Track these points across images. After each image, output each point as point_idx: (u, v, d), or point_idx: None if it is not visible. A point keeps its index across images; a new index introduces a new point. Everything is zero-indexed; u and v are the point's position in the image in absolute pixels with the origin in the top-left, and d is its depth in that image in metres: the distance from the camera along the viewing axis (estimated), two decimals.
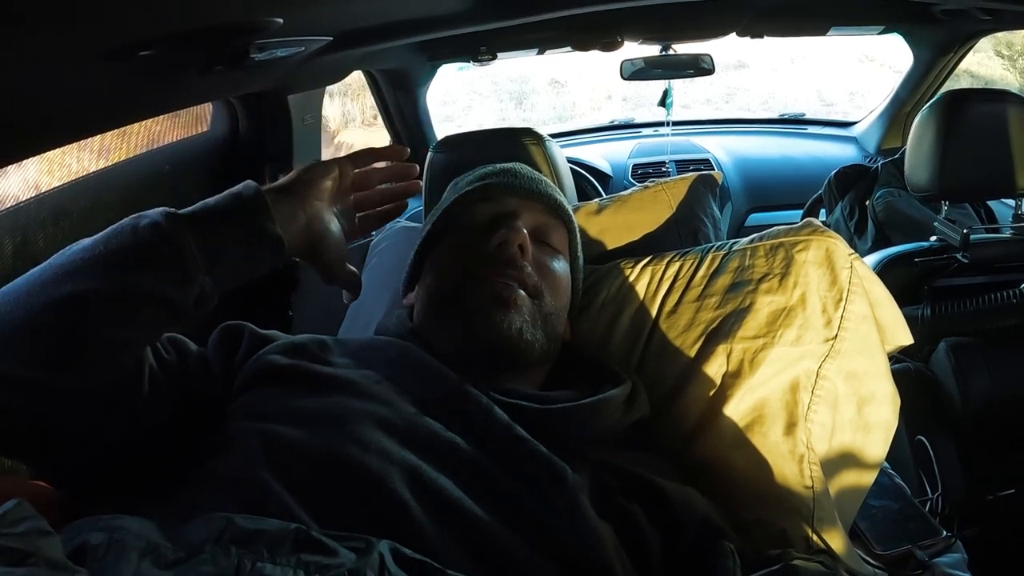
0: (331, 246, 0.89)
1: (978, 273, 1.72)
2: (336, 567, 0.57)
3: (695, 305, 1.08)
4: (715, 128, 3.50)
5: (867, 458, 1.00)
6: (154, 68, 0.77)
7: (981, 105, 1.66)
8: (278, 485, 0.70)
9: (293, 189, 0.86)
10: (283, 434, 0.76)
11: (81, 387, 0.75)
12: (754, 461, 0.96)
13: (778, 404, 0.97)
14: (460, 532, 0.70)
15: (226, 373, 0.91)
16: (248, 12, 0.73)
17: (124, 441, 0.81)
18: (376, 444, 0.75)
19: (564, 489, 0.76)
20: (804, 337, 0.98)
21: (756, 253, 1.09)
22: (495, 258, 0.96)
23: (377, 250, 1.47)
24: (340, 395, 0.82)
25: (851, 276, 1.01)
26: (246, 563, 0.55)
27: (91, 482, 0.81)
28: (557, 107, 9.27)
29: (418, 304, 1.03)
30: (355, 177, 0.94)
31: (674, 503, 0.83)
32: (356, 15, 1.00)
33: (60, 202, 1.11)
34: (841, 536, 0.92)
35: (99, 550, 0.55)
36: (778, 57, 9.37)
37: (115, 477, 0.81)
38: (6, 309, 0.72)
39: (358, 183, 0.95)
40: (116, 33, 0.64)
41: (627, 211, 1.36)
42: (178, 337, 0.92)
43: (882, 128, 2.99)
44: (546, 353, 0.98)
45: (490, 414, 0.82)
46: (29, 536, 0.45)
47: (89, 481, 0.81)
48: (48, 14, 0.52)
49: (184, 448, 0.82)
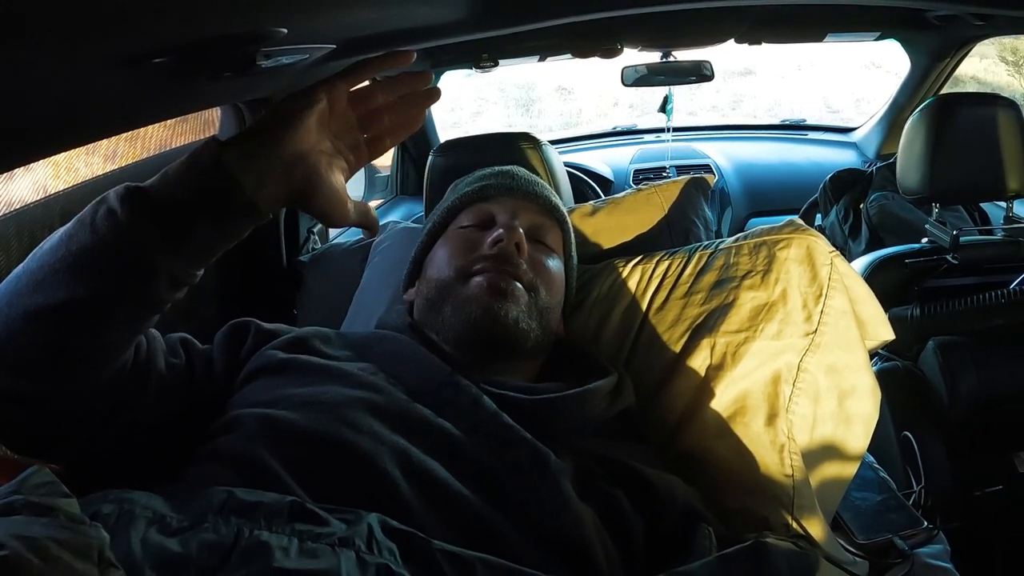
0: (323, 189, 0.77)
1: (968, 274, 1.74)
2: (327, 535, 0.61)
3: (682, 302, 1.12)
4: (716, 134, 3.52)
5: (848, 450, 1.02)
6: (165, 74, 0.78)
7: (971, 109, 1.68)
8: (275, 463, 0.74)
9: (266, 133, 0.75)
10: (280, 417, 0.80)
11: (75, 393, 0.75)
12: (737, 451, 0.99)
13: (760, 396, 1.00)
14: (446, 510, 0.74)
15: (231, 367, 0.95)
16: (253, 23, 0.76)
17: (130, 438, 0.83)
18: (368, 427, 0.79)
19: (547, 473, 0.80)
20: (785, 331, 1.02)
21: (740, 251, 1.12)
22: (493, 255, 1.00)
23: (379, 249, 1.51)
24: (336, 383, 0.86)
25: (831, 272, 1.04)
26: (244, 531, 0.60)
27: (101, 467, 0.82)
28: (564, 113, 9.28)
29: (418, 299, 1.07)
30: (355, 96, 0.82)
31: (657, 489, 0.87)
32: (358, 24, 1.03)
33: (67, 205, 1.12)
34: (821, 524, 0.95)
35: (110, 519, 0.59)
36: (785, 64, 9.36)
37: (123, 462, 0.83)
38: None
39: (360, 101, 0.83)
40: (129, 41, 0.66)
41: (620, 213, 1.40)
42: (187, 337, 0.95)
43: (881, 133, 3.01)
44: (539, 345, 1.02)
45: (478, 403, 0.86)
46: (51, 495, 0.49)
47: (99, 466, 0.82)
48: (63, 22, 0.54)
49: (189, 434, 0.85)
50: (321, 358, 0.93)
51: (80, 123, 0.87)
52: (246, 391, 0.90)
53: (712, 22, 2.23)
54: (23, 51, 0.56)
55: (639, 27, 2.26)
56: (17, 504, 0.48)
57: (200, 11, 0.66)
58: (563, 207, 1.19)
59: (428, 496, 0.75)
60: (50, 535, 0.44)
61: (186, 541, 0.59)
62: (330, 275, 1.57)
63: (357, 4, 0.89)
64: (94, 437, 0.80)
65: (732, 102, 8.97)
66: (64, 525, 0.46)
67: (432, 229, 1.15)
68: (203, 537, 0.59)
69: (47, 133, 0.83)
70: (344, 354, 0.97)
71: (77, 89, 0.74)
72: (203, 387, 0.91)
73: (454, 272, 1.02)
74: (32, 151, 0.86)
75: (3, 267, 1.03)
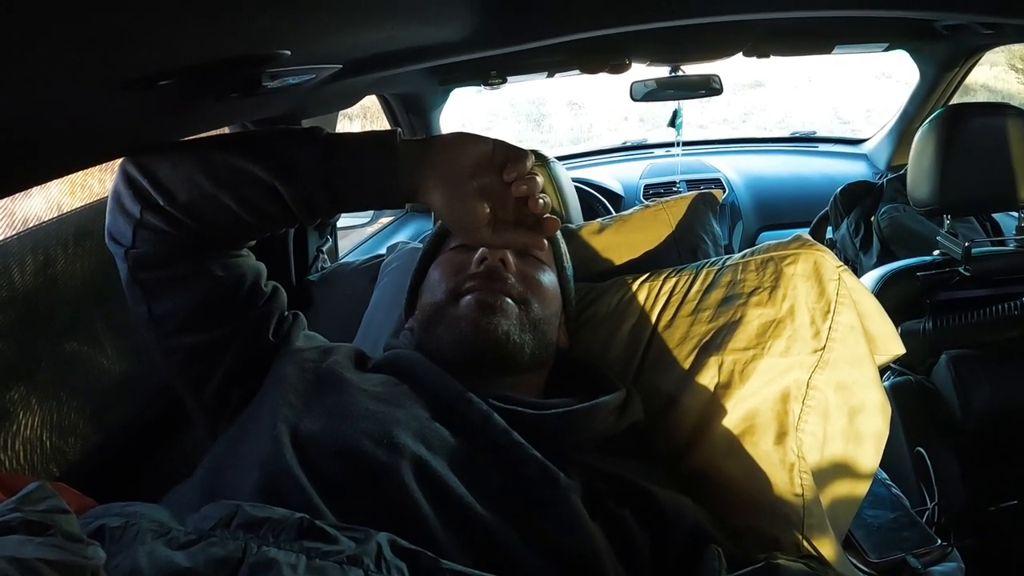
0: (457, 211, 0.88)
1: (980, 286, 1.72)
2: (336, 553, 0.61)
3: (689, 319, 1.11)
4: (726, 148, 3.52)
5: (859, 468, 1.01)
6: (172, 96, 0.80)
7: (980, 119, 1.66)
8: (298, 469, 0.76)
9: (440, 147, 0.89)
10: (306, 427, 0.82)
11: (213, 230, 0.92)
12: (746, 470, 0.98)
13: (769, 414, 0.99)
14: (461, 525, 0.75)
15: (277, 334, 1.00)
16: (257, 46, 0.77)
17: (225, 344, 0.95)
18: (387, 440, 0.80)
19: (557, 491, 0.80)
20: (793, 348, 1.01)
21: (747, 267, 1.12)
22: (479, 273, 1.02)
23: (388, 269, 1.52)
24: (360, 397, 0.88)
25: (839, 288, 1.04)
26: (252, 547, 0.60)
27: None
28: (574, 128, 9.30)
29: (416, 324, 1.09)
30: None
31: (664, 508, 0.86)
32: (363, 44, 1.03)
33: (82, 222, 1.15)
34: (832, 543, 0.94)
35: (116, 532, 0.60)
36: (795, 76, 9.36)
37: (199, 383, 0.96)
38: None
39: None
40: (136, 64, 0.67)
41: (628, 230, 1.39)
42: (279, 288, 1.04)
43: (892, 145, 2.99)
44: (537, 358, 1.02)
45: (489, 420, 0.86)
46: (49, 513, 0.49)
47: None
48: (73, 45, 0.55)
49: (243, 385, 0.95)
50: (348, 372, 0.94)
51: (92, 143, 0.89)
52: (273, 388, 0.90)
53: (720, 36, 2.23)
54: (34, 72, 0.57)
55: (647, 42, 2.27)
56: (14, 522, 0.48)
57: (205, 34, 0.67)
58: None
59: (444, 510, 0.75)
60: (42, 556, 0.45)
61: (193, 555, 0.59)
62: (339, 294, 1.58)
63: (361, 26, 0.90)
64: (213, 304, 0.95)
65: (742, 115, 8.97)
66: (59, 545, 0.46)
67: (424, 255, 1.17)
68: (210, 551, 0.59)
69: (58, 153, 0.85)
70: (369, 370, 0.99)
71: (87, 110, 0.76)
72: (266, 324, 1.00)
73: (445, 294, 1.03)
74: (46, 170, 0.87)
75: (17, 283, 1.05)
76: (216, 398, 0.96)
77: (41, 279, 1.09)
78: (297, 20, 0.74)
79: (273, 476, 0.76)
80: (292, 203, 0.89)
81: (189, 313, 0.94)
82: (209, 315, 0.95)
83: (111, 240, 0.94)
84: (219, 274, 0.95)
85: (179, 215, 0.90)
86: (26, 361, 1.07)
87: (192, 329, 0.95)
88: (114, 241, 0.94)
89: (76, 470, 1.11)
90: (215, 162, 0.89)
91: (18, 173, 0.82)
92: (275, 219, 0.93)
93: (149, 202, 0.90)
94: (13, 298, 1.04)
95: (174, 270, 0.93)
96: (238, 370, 0.96)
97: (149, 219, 0.90)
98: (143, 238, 0.91)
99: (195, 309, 0.94)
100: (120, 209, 0.92)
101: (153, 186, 0.89)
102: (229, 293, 0.96)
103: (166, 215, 0.90)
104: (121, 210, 0.91)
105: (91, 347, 1.18)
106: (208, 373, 0.96)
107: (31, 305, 1.07)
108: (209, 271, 0.94)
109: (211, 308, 0.95)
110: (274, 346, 0.98)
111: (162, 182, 0.89)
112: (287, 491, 0.74)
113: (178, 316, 0.94)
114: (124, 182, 0.91)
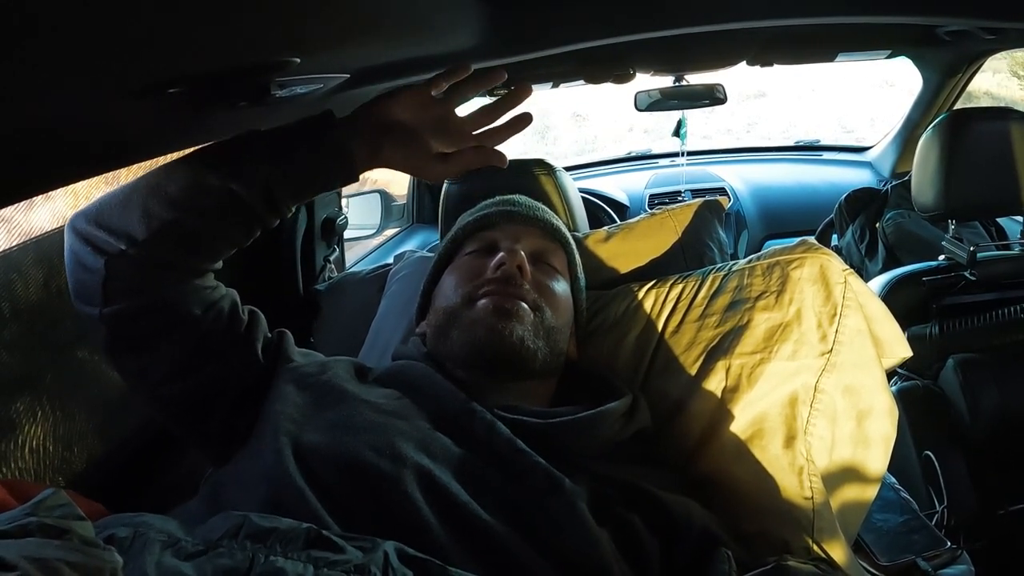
0: (407, 155, 0.93)
1: (986, 290, 1.72)
2: (343, 563, 0.61)
3: (696, 324, 1.12)
4: (731, 157, 3.52)
5: (868, 471, 1.02)
6: (181, 104, 0.81)
7: (984, 124, 1.67)
8: (301, 481, 0.76)
9: (371, 103, 0.92)
10: (308, 440, 0.82)
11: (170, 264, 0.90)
12: (755, 474, 0.98)
13: (777, 418, 0.99)
14: (466, 533, 0.75)
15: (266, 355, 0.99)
16: (267, 54, 0.78)
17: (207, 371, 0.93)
18: (391, 451, 0.80)
19: (562, 498, 0.80)
20: (800, 352, 1.01)
21: (754, 272, 1.12)
22: (496, 278, 1.02)
23: (396, 278, 1.52)
24: (362, 409, 0.88)
25: (845, 291, 1.04)
26: (260, 557, 0.60)
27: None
28: (579, 140, 9.30)
29: (429, 329, 1.09)
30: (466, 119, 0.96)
31: (673, 513, 0.87)
32: (371, 54, 1.04)
33: None
34: (842, 547, 0.94)
35: (125, 542, 0.60)
36: (799, 86, 9.36)
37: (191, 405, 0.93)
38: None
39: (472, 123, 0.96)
40: (145, 72, 0.67)
41: (634, 238, 1.40)
42: (256, 311, 1.02)
43: (896, 152, 2.99)
44: (548, 366, 1.02)
45: (493, 430, 0.87)
46: (65, 518, 0.50)
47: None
48: (81, 54, 0.56)
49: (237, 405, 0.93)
50: (348, 384, 0.95)
51: (97, 152, 0.89)
52: (276, 408, 0.90)
53: (723, 44, 2.23)
54: (42, 81, 0.58)
55: (651, 51, 2.27)
56: (31, 526, 0.48)
57: (214, 43, 0.67)
58: (566, 230, 1.20)
59: (449, 520, 0.76)
60: (62, 557, 0.45)
61: (201, 566, 0.60)
62: (347, 304, 1.58)
63: (369, 36, 0.91)
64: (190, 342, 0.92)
65: (747, 124, 8.96)
66: (77, 548, 0.47)
67: (438, 260, 1.17)
68: (218, 562, 0.60)
69: (66, 161, 0.85)
70: (371, 382, 0.99)
71: (94, 118, 0.76)
72: (247, 356, 0.97)
73: (460, 298, 1.03)
74: (51, 180, 0.88)
75: (21, 294, 1.06)
76: (222, 431, 0.93)
77: (46, 289, 1.09)
78: (309, 28, 0.75)
79: (278, 489, 0.76)
80: (251, 202, 0.89)
81: (178, 356, 0.92)
82: (197, 354, 0.92)
83: (80, 303, 0.91)
84: (197, 312, 0.92)
85: (144, 255, 0.87)
86: (32, 372, 1.08)
87: (182, 374, 0.92)
88: (84, 303, 0.90)
89: (81, 481, 1.12)
90: (164, 186, 0.88)
91: (25, 181, 0.82)
92: (240, 225, 0.92)
93: (109, 252, 0.87)
94: (19, 310, 1.05)
95: (153, 318, 0.90)
96: (238, 399, 0.94)
97: (115, 269, 0.87)
98: (114, 291, 0.88)
99: (182, 352, 0.92)
100: (82, 269, 0.89)
101: (110, 234, 0.87)
102: (212, 328, 0.94)
103: (130, 259, 0.87)
104: (84, 270, 0.89)
105: (96, 358, 1.18)
106: (208, 410, 0.93)
107: (37, 317, 1.08)
108: (188, 312, 0.92)
109: (197, 347, 0.93)
110: (268, 367, 0.97)
111: (117, 227, 0.87)
112: (292, 504, 0.74)
113: (166, 363, 0.92)
114: (79, 240, 0.89)
